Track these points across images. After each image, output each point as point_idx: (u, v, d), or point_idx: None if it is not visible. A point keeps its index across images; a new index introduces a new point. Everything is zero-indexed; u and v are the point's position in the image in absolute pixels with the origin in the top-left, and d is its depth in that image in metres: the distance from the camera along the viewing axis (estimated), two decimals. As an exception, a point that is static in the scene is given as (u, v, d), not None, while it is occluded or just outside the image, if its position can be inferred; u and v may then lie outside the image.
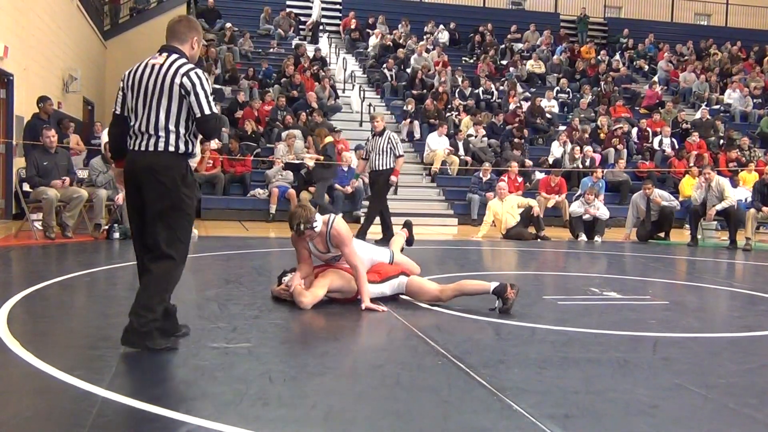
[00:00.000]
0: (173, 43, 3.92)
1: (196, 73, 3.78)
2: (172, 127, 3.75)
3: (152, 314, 3.70)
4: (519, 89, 19.66)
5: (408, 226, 6.79)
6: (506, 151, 16.23)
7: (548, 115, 18.53)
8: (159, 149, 3.75)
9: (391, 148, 10.05)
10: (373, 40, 21.57)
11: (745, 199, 12.99)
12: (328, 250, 5.21)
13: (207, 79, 3.85)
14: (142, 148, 3.78)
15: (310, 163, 13.44)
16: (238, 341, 4.05)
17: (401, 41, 21.45)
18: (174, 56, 3.83)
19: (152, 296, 3.73)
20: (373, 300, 5.11)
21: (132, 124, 3.83)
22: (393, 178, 10.12)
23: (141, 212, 3.81)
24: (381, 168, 10.03)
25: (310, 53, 19.87)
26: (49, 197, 8.98)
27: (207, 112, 3.76)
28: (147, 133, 3.77)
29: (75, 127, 14.39)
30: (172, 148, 3.76)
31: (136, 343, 3.67)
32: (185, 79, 3.73)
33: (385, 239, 9.67)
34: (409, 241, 6.61)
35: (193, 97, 3.74)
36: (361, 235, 9.70)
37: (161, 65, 3.79)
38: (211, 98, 3.82)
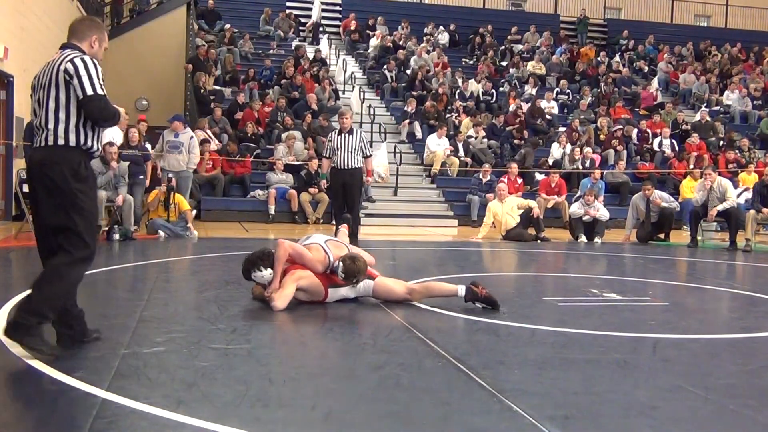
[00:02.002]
0: (72, 41, 3.89)
1: (81, 59, 3.72)
2: (61, 116, 3.67)
3: (36, 318, 3.54)
4: (525, 89, 19.70)
5: (347, 221, 6.87)
6: (526, 147, 16.15)
7: (548, 116, 18.53)
8: (50, 143, 3.68)
9: (362, 147, 9.68)
10: (373, 42, 21.58)
11: (746, 200, 12.98)
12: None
13: (95, 65, 3.75)
14: (37, 144, 3.74)
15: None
16: (238, 342, 4.05)
17: (401, 43, 21.46)
18: (68, 50, 3.80)
19: (44, 299, 3.58)
20: (337, 301, 5.16)
21: (34, 123, 3.82)
22: (369, 179, 9.94)
23: (37, 210, 3.74)
24: (351, 167, 9.59)
25: (310, 54, 19.89)
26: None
27: (89, 92, 3.66)
28: (42, 128, 3.72)
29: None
30: (61, 141, 3.68)
31: (14, 338, 3.55)
32: (68, 65, 3.68)
33: (351, 234, 9.66)
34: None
35: (76, 80, 3.66)
36: (354, 239, 9.65)
37: (54, 60, 3.77)
38: (96, 81, 3.69)
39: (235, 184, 14.14)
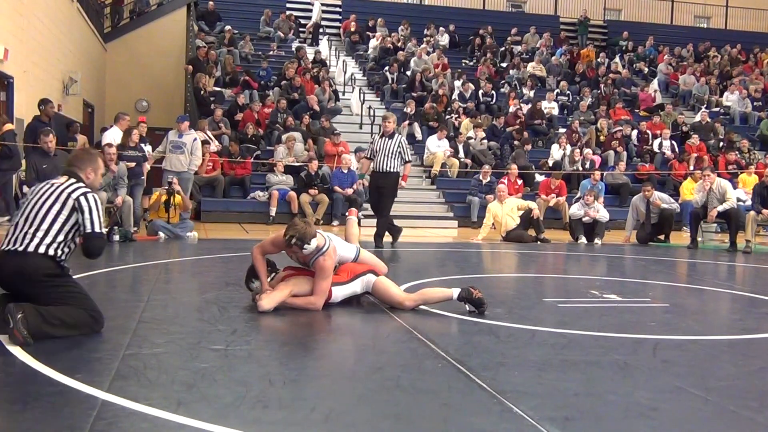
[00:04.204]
0: (73, 170, 4.37)
1: (93, 196, 4.25)
2: (53, 230, 4.12)
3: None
4: (525, 91, 19.71)
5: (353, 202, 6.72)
6: (517, 150, 16.15)
7: (547, 116, 18.51)
8: (28, 249, 4.08)
9: (400, 152, 9.79)
10: (372, 43, 21.60)
11: (745, 201, 12.99)
12: (307, 267, 5.14)
13: (97, 204, 4.25)
14: (9, 246, 4.12)
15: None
16: (238, 344, 4.05)
17: (400, 44, 21.47)
18: (73, 180, 4.30)
19: (69, 324, 4.04)
20: (345, 300, 5.15)
21: (13, 222, 4.26)
22: (403, 183, 10.06)
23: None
24: (388, 170, 9.74)
25: (310, 56, 19.90)
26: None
27: (96, 230, 4.20)
28: (23, 229, 4.14)
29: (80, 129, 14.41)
30: (42, 250, 4.09)
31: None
32: (82, 198, 4.18)
33: (376, 235, 9.76)
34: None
35: (87, 216, 4.17)
36: (379, 240, 9.76)
37: (61, 184, 4.27)
38: (98, 220, 4.22)
39: (235, 186, 14.15)
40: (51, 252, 4.11)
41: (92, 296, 5.03)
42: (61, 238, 4.14)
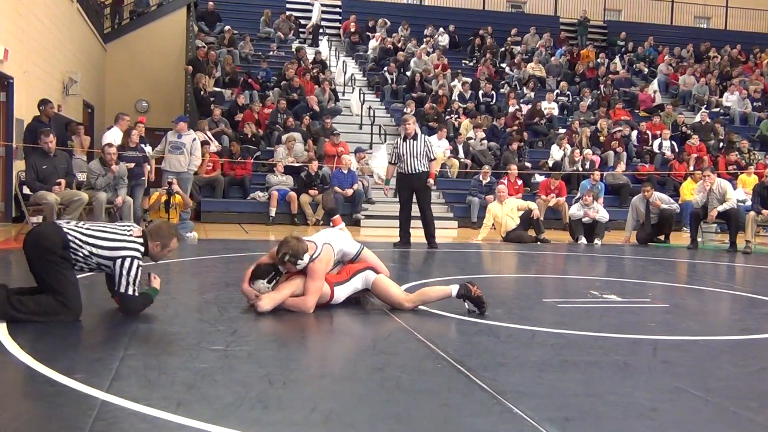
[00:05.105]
0: (147, 235, 4.74)
1: (137, 264, 4.57)
2: (93, 244, 4.48)
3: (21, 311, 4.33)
4: (524, 91, 19.71)
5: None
6: (505, 153, 16.19)
7: (546, 116, 18.51)
8: (64, 229, 4.50)
9: (426, 151, 9.88)
10: (372, 43, 21.59)
11: (745, 201, 12.99)
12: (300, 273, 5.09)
13: (136, 274, 4.57)
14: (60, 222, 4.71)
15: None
16: (238, 344, 4.05)
17: (400, 45, 21.47)
18: (140, 242, 4.66)
19: (34, 311, 4.35)
20: (345, 300, 5.15)
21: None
22: (431, 180, 10.11)
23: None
24: (417, 171, 9.83)
25: (310, 56, 19.90)
26: (49, 202, 8.97)
27: (127, 291, 4.53)
28: (77, 225, 4.62)
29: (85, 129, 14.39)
30: (68, 236, 4.46)
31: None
32: (127, 260, 4.52)
33: (428, 236, 10.00)
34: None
35: (117, 273, 4.52)
36: (431, 239, 9.97)
37: (131, 236, 4.66)
38: (129, 285, 4.53)
39: (235, 186, 14.15)
40: (72, 243, 4.42)
41: (92, 297, 5.02)
42: (87, 246, 4.46)
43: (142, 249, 4.63)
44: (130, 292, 4.54)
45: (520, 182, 14.57)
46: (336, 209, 6.26)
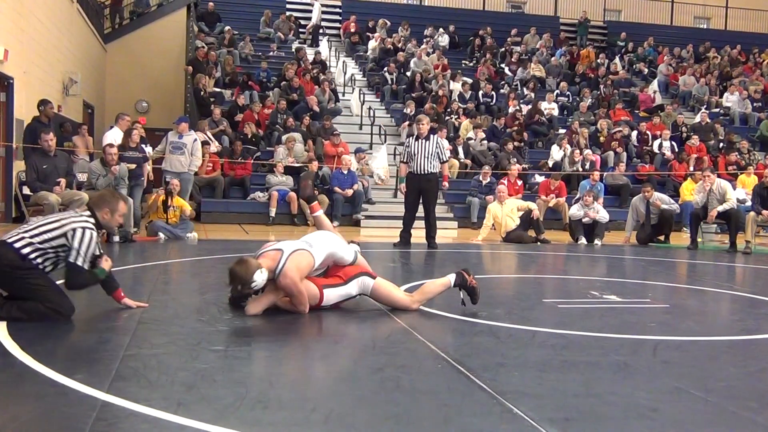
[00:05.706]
0: (92, 206, 4.71)
1: (91, 234, 4.48)
2: (40, 237, 4.40)
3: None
4: (524, 91, 19.70)
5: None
6: (500, 155, 16.16)
7: (546, 116, 18.51)
8: (8, 241, 4.42)
9: (438, 153, 9.86)
10: (372, 44, 21.60)
11: (745, 201, 12.99)
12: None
13: (92, 244, 4.50)
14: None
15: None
16: (237, 344, 4.05)
17: (400, 45, 21.47)
18: (87, 214, 4.61)
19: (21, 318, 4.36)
20: (341, 302, 5.04)
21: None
22: (446, 184, 10.06)
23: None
24: (427, 172, 9.80)
25: (310, 57, 19.90)
26: (50, 202, 8.97)
27: (76, 261, 4.42)
28: (18, 231, 4.51)
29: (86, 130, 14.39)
30: (18, 245, 4.39)
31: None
32: (78, 230, 4.43)
33: (428, 237, 9.99)
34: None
35: (74, 246, 4.41)
36: (432, 241, 9.94)
37: (75, 213, 4.65)
38: (83, 257, 4.44)
39: (235, 186, 14.15)
40: (24, 251, 4.36)
41: (92, 297, 5.01)
42: (38, 244, 4.39)
43: (92, 220, 4.55)
44: (80, 262, 4.44)
45: (520, 183, 14.57)
46: (313, 196, 6.00)
